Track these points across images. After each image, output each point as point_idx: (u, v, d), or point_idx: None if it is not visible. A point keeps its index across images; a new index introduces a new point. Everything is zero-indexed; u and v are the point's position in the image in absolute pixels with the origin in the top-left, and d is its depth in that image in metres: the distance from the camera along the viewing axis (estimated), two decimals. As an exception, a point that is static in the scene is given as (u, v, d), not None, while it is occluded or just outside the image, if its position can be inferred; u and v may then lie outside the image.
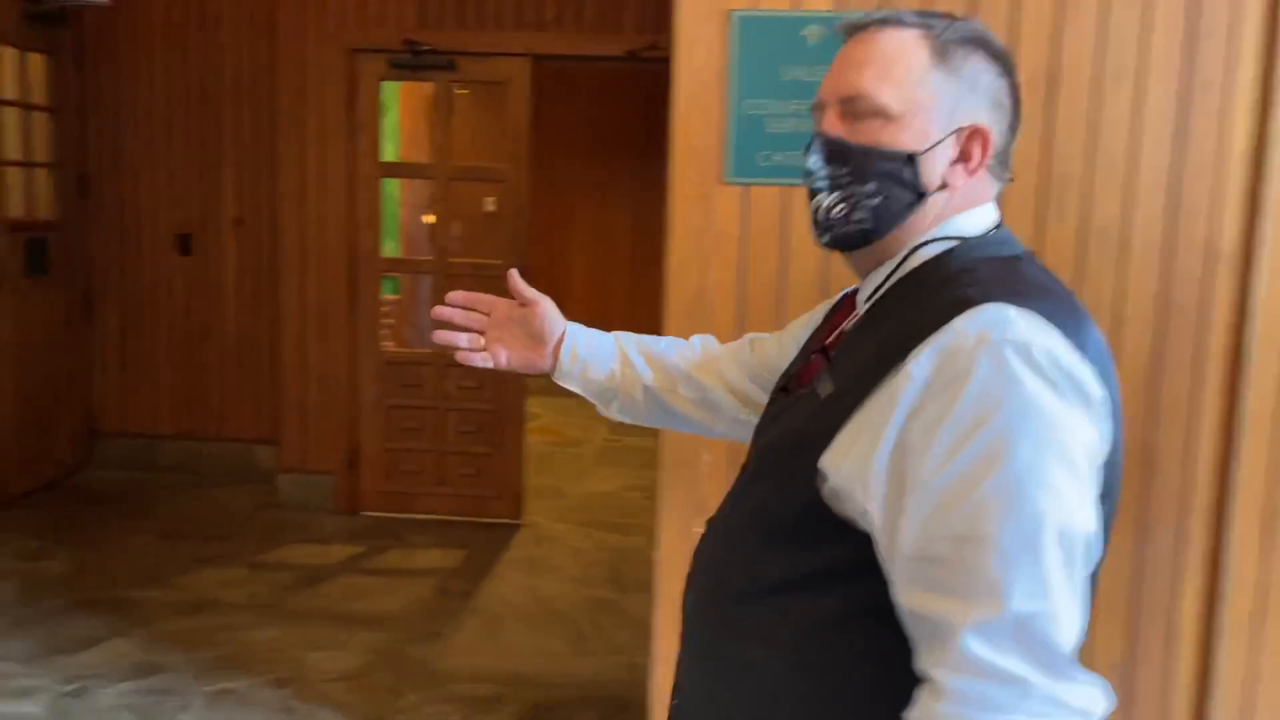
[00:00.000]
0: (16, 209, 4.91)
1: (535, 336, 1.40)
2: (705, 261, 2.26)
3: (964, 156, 1.06)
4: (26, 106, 4.94)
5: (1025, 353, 0.90)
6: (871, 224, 1.06)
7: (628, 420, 1.47)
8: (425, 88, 5.99)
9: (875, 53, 1.06)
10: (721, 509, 1.18)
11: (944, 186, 1.06)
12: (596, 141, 7.95)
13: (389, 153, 5.91)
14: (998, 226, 1.10)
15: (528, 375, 1.46)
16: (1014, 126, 1.10)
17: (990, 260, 1.04)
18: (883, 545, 0.95)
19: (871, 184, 1.05)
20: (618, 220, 8.18)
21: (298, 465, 5.00)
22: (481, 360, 1.39)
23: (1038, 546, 0.88)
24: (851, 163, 1.06)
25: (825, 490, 0.99)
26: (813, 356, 1.16)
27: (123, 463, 5.47)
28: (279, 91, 4.83)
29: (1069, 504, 0.89)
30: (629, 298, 8.09)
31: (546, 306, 1.40)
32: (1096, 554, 0.95)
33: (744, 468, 1.17)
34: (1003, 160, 1.10)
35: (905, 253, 1.07)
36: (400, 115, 7.07)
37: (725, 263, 2.26)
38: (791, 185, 2.24)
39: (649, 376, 1.41)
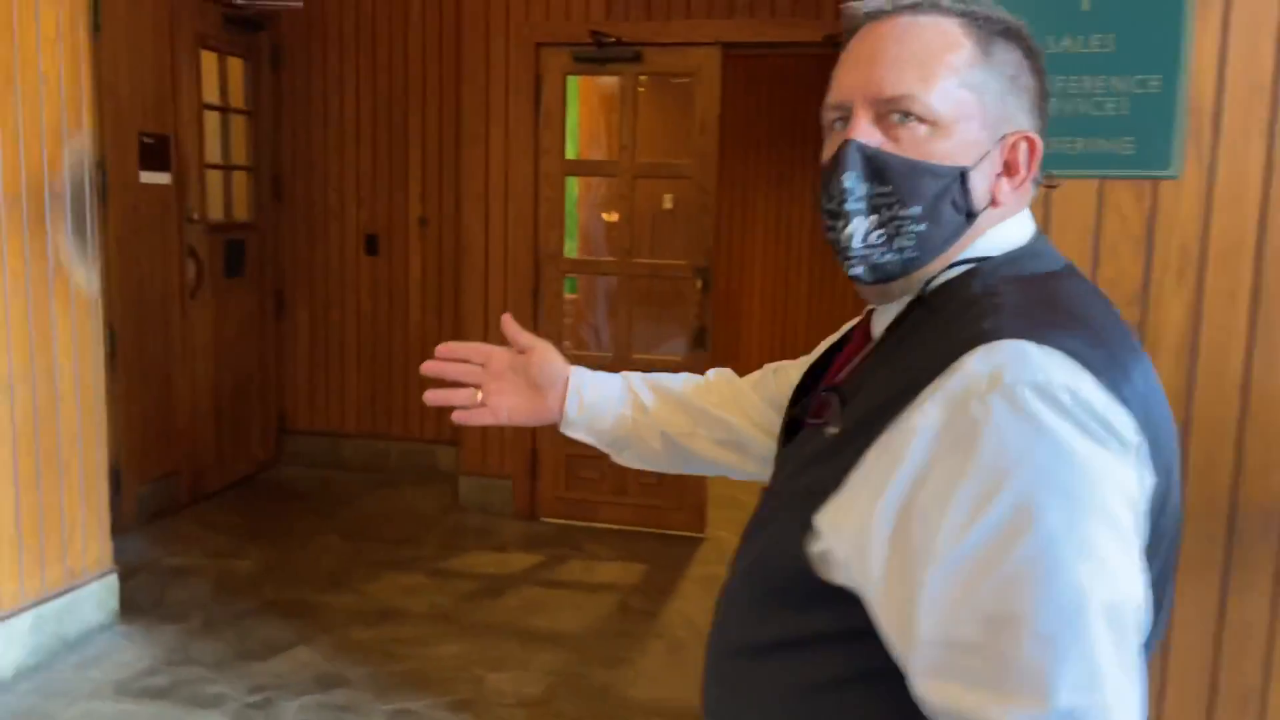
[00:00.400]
0: (216, 211, 5.02)
1: (536, 385, 1.26)
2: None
3: (1009, 168, 0.93)
4: (225, 110, 5.05)
5: (1046, 393, 0.77)
6: (916, 252, 0.92)
7: (644, 468, 1.32)
8: (603, 82, 5.85)
9: (915, 45, 0.91)
10: (737, 551, 1.05)
11: (992, 204, 0.93)
12: (775, 134, 7.62)
13: (569, 150, 5.80)
14: (1034, 239, 0.96)
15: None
16: (1046, 130, 0.97)
17: (1018, 280, 0.90)
18: (887, 624, 0.83)
19: (917, 206, 0.90)
20: (799, 216, 7.84)
21: (478, 469, 4.93)
22: (480, 418, 1.26)
23: (1082, 626, 0.74)
24: (894, 180, 0.90)
25: (816, 550, 0.88)
26: (823, 394, 1.00)
27: (311, 460, 5.55)
28: (464, 89, 4.77)
29: (1115, 571, 0.76)
30: (810, 297, 7.73)
31: (544, 352, 1.26)
32: (1147, 627, 0.82)
33: (755, 510, 1.04)
34: (1040, 163, 0.96)
35: (934, 276, 0.93)
36: (579, 111, 6.96)
37: (970, 269, 1.94)
38: (1051, 181, 1.90)
39: (665, 420, 1.27)
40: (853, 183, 0.91)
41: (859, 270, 0.94)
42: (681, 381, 1.30)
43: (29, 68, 3.04)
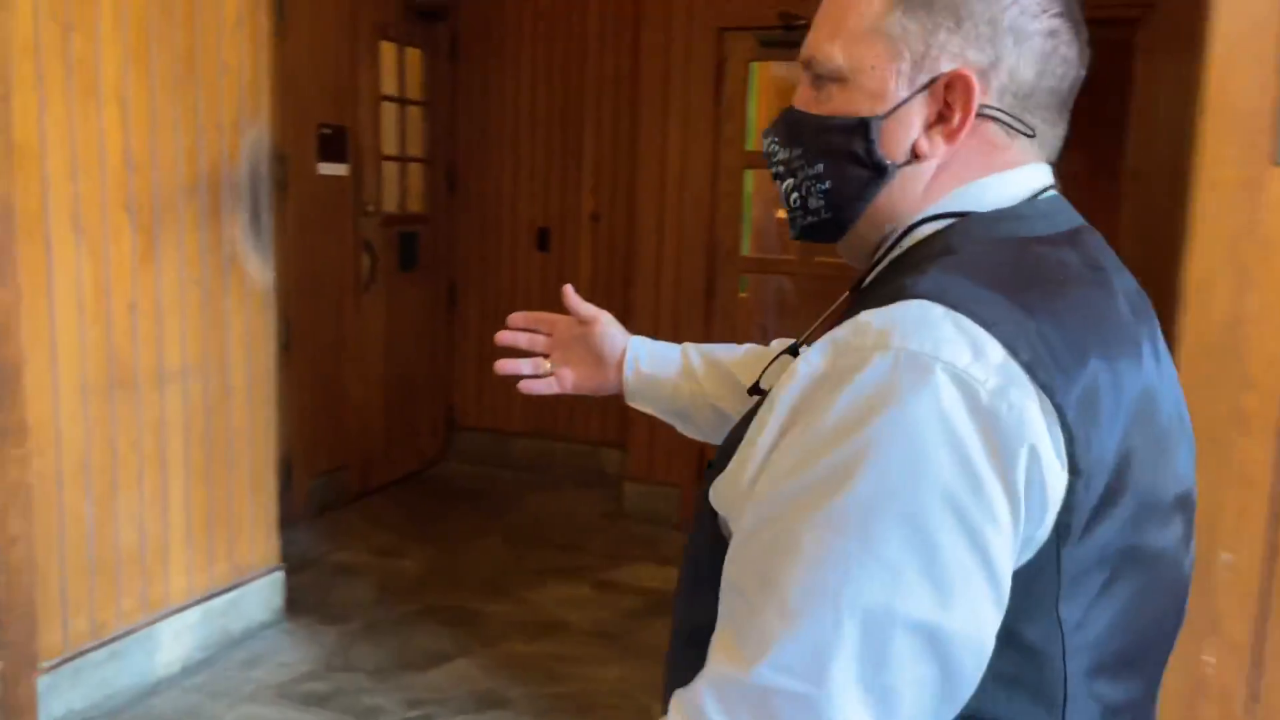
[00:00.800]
0: (391, 204, 4.99)
1: (598, 356, 1.28)
2: (1243, 279, 1.57)
3: (944, 115, 0.81)
4: (403, 101, 5.00)
5: (923, 369, 0.68)
6: (829, 212, 0.88)
7: (705, 440, 1.28)
8: (778, 68, 5.55)
9: (834, 1, 0.86)
10: None
11: (916, 157, 0.83)
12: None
13: (749, 141, 5.52)
14: (1035, 196, 0.83)
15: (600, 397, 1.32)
16: (1058, 55, 0.81)
17: (990, 241, 0.79)
18: None
19: (820, 164, 0.86)
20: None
21: (644, 475, 4.72)
22: (545, 386, 1.29)
23: (827, 614, 0.66)
24: (803, 141, 0.88)
25: (720, 519, 0.82)
26: (784, 355, 1.04)
27: (477, 457, 5.48)
28: (642, 78, 4.55)
29: (901, 583, 0.66)
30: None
31: (606, 323, 1.28)
32: (973, 672, 0.69)
33: None
34: (1039, 104, 0.82)
35: (899, 233, 0.85)
36: (758, 100, 6.66)
37: (1278, 281, 1.56)
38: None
39: (716, 394, 1.23)
40: (769, 145, 0.91)
41: (793, 232, 0.92)
42: (740, 353, 1.25)
43: (210, 55, 2.99)
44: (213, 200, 3.05)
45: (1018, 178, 0.83)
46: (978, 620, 0.69)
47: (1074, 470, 0.71)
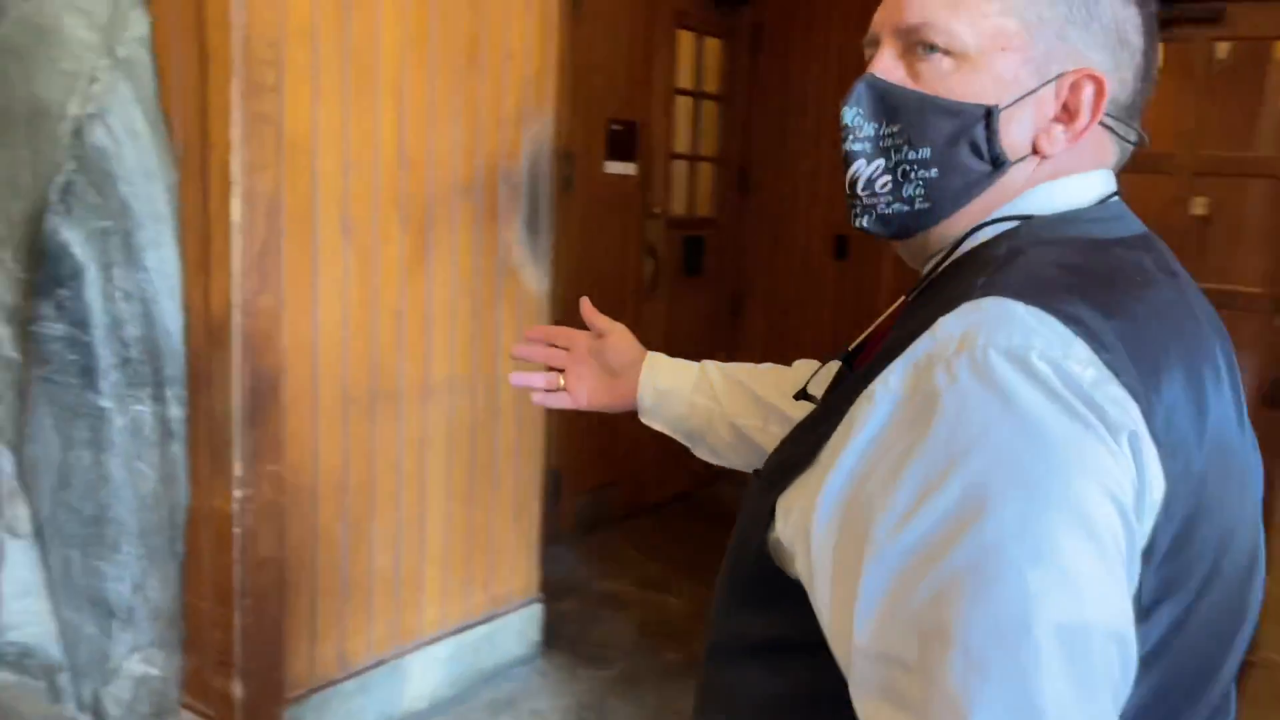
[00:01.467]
0: (679, 205, 4.65)
1: (613, 370, 1.22)
2: None
3: (1067, 113, 0.76)
4: (699, 95, 4.65)
5: (1020, 360, 0.63)
6: (926, 202, 0.78)
7: (724, 464, 1.25)
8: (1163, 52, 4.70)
9: None
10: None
11: (1035, 153, 0.77)
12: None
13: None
14: (1103, 201, 0.79)
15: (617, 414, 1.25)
16: (1146, 74, 0.80)
17: (1060, 242, 0.74)
18: (827, 623, 0.69)
19: (927, 149, 0.77)
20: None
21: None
22: (559, 401, 1.25)
23: (1023, 649, 0.58)
24: (904, 118, 0.78)
25: (771, 538, 0.78)
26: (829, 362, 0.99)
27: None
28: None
29: (1081, 585, 0.59)
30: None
31: (620, 337, 1.23)
32: (1132, 667, 0.62)
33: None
34: (1129, 115, 0.80)
35: (964, 234, 0.78)
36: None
37: None
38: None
39: (737, 411, 1.17)
40: (853, 119, 0.80)
41: (864, 221, 0.82)
42: (762, 372, 1.19)
43: (495, 41, 2.72)
44: (489, 201, 2.79)
45: (1089, 181, 0.79)
46: (1130, 604, 0.63)
47: (1166, 477, 0.65)
